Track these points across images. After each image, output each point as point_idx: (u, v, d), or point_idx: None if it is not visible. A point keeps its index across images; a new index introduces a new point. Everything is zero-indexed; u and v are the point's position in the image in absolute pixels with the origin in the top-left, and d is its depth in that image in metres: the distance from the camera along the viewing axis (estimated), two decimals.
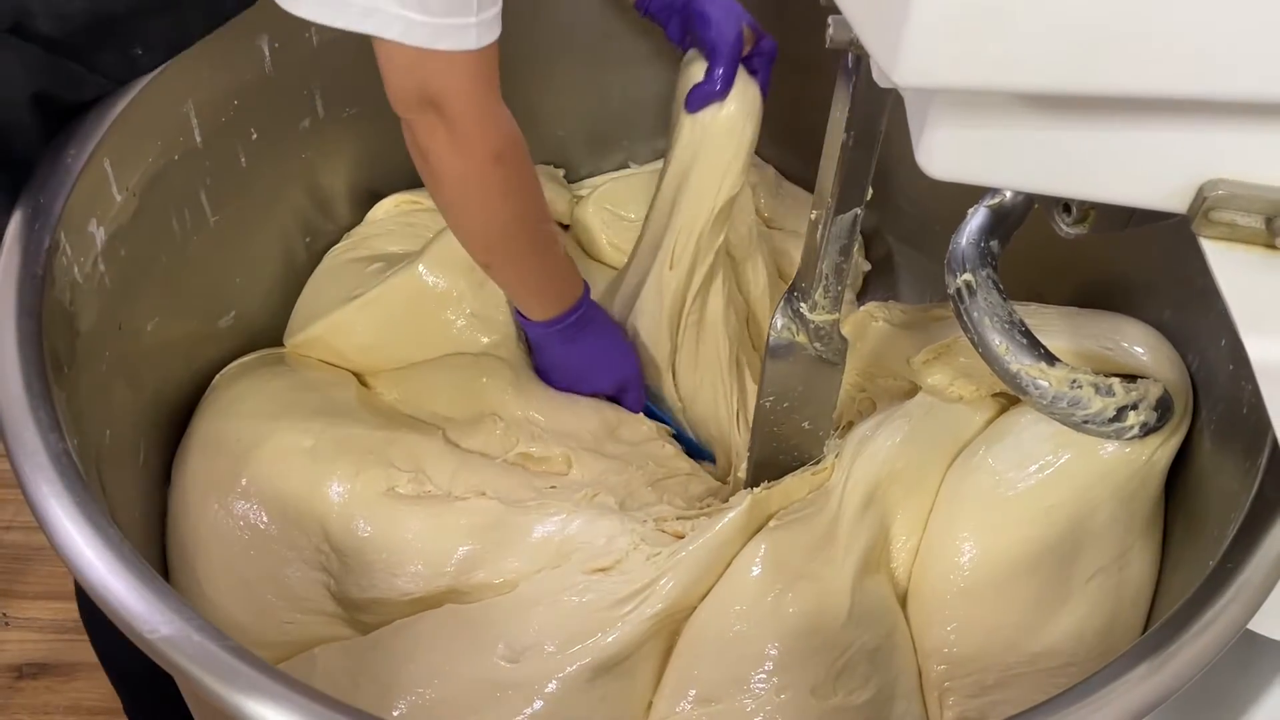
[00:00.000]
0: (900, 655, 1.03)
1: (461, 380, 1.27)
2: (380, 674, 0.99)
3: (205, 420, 1.17)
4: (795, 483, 1.11)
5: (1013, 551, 1.01)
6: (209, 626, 0.72)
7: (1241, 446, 0.89)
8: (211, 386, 1.21)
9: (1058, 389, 0.92)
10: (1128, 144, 0.62)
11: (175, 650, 0.71)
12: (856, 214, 0.92)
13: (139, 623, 0.72)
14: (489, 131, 1.01)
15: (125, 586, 0.74)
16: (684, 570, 1.03)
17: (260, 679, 0.69)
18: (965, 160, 0.64)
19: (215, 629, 0.72)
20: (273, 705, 0.69)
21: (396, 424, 1.21)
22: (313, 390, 1.22)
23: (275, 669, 0.71)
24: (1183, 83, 0.54)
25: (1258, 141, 0.61)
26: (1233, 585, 0.74)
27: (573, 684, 0.97)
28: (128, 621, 0.73)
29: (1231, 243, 0.65)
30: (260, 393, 1.18)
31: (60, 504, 0.78)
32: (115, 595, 0.74)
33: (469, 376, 1.27)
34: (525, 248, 1.13)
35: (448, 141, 1.00)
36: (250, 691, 0.70)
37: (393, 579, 1.07)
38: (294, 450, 1.12)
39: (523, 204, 1.09)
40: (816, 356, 1.06)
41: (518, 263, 1.15)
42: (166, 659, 0.71)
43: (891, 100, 0.84)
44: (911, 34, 0.52)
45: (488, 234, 1.10)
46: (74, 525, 0.77)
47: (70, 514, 0.77)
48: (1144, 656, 0.72)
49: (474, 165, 1.02)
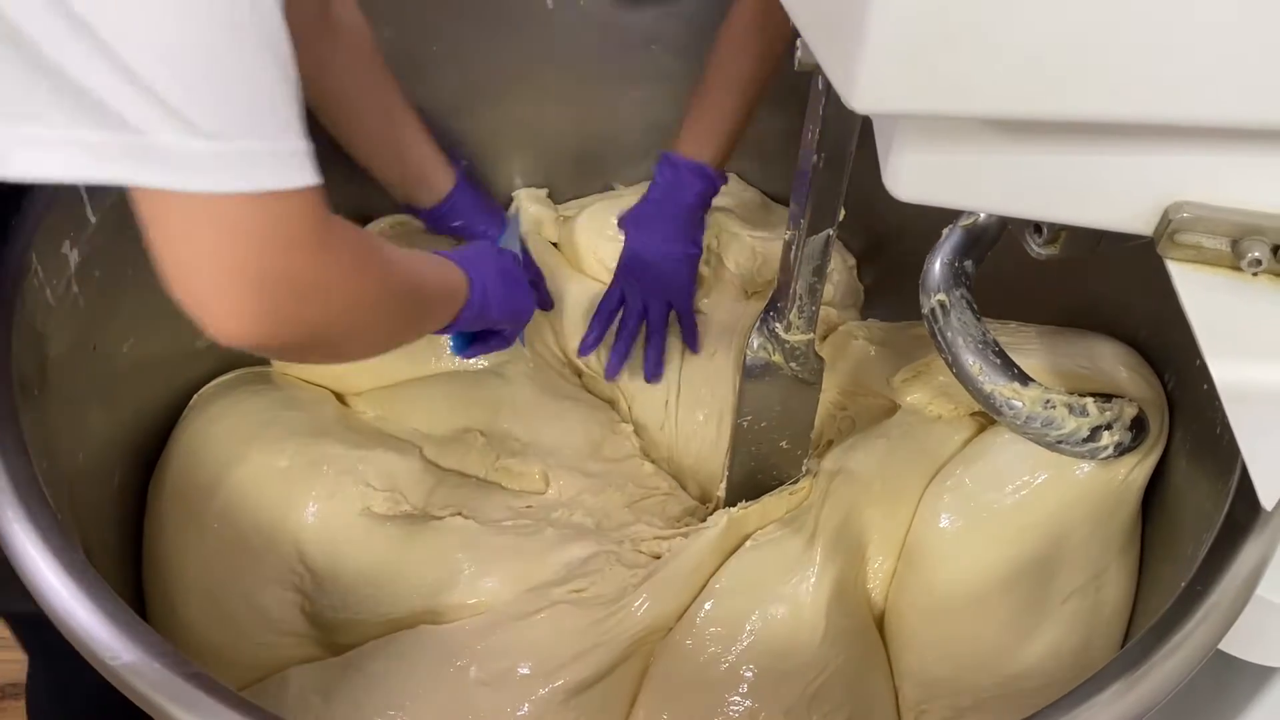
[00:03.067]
0: (876, 677, 1.02)
1: (443, 396, 1.27)
2: (353, 695, 0.98)
3: (181, 441, 1.16)
4: (773, 503, 1.11)
5: (988, 572, 1.01)
6: (172, 653, 0.72)
7: (1215, 467, 0.89)
8: (189, 406, 1.20)
9: (1031, 409, 0.91)
10: (1092, 167, 0.62)
11: (137, 678, 0.70)
12: (829, 235, 0.92)
13: (101, 650, 0.72)
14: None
15: (87, 612, 0.73)
16: (659, 592, 1.03)
17: (222, 708, 0.69)
18: (931, 183, 0.64)
19: (178, 655, 0.72)
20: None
21: (373, 443, 1.20)
22: (289, 409, 1.21)
23: (238, 696, 0.71)
24: (1139, 108, 0.55)
25: (1223, 164, 0.61)
26: (1201, 607, 0.74)
27: (546, 707, 0.97)
28: (90, 648, 0.72)
29: (1197, 265, 0.65)
30: (236, 413, 1.18)
31: (23, 529, 0.77)
32: (79, 622, 0.74)
33: (451, 392, 1.27)
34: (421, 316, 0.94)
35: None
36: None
37: (367, 600, 1.07)
38: (268, 471, 1.11)
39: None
40: (793, 376, 1.06)
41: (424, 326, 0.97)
42: (128, 687, 0.71)
43: (860, 123, 0.84)
44: (868, 60, 0.52)
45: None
46: (37, 551, 0.76)
47: (33, 539, 0.77)
48: (1115, 678, 0.72)
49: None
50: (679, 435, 1.29)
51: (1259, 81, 0.54)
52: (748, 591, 1.03)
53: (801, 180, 0.90)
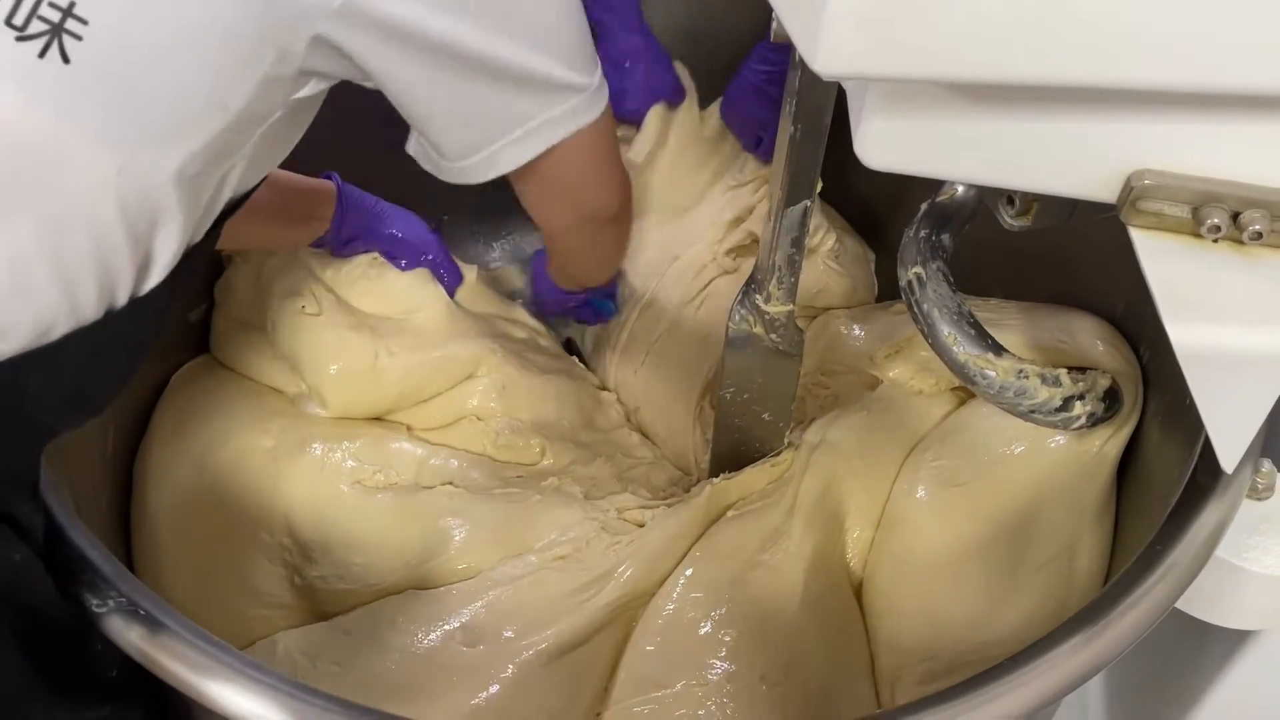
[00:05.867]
0: (852, 644, 1.04)
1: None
2: (339, 656, 1.00)
3: (165, 418, 1.16)
4: (754, 474, 1.12)
5: (964, 542, 1.02)
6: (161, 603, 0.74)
7: (1184, 437, 0.91)
8: (170, 384, 1.20)
9: (1004, 379, 0.93)
10: (1056, 135, 0.63)
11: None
12: (806, 206, 0.94)
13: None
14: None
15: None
16: (642, 558, 1.05)
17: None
18: (901, 151, 0.66)
19: (166, 605, 0.73)
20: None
21: (362, 423, 1.20)
22: (271, 396, 1.21)
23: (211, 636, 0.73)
24: (1096, 73, 0.56)
25: (1184, 132, 0.62)
26: (1160, 566, 0.76)
27: (529, 668, 0.99)
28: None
29: (1159, 232, 0.66)
30: (220, 390, 1.18)
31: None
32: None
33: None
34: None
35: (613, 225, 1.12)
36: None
37: (357, 569, 1.08)
38: (254, 450, 1.12)
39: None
40: (773, 348, 1.07)
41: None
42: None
43: (835, 94, 0.85)
44: (830, 23, 0.54)
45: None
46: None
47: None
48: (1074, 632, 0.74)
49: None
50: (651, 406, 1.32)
51: (1218, 46, 0.54)
52: (728, 560, 1.04)
53: (779, 152, 0.91)
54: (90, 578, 0.75)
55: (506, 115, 0.88)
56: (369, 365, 1.17)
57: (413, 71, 0.81)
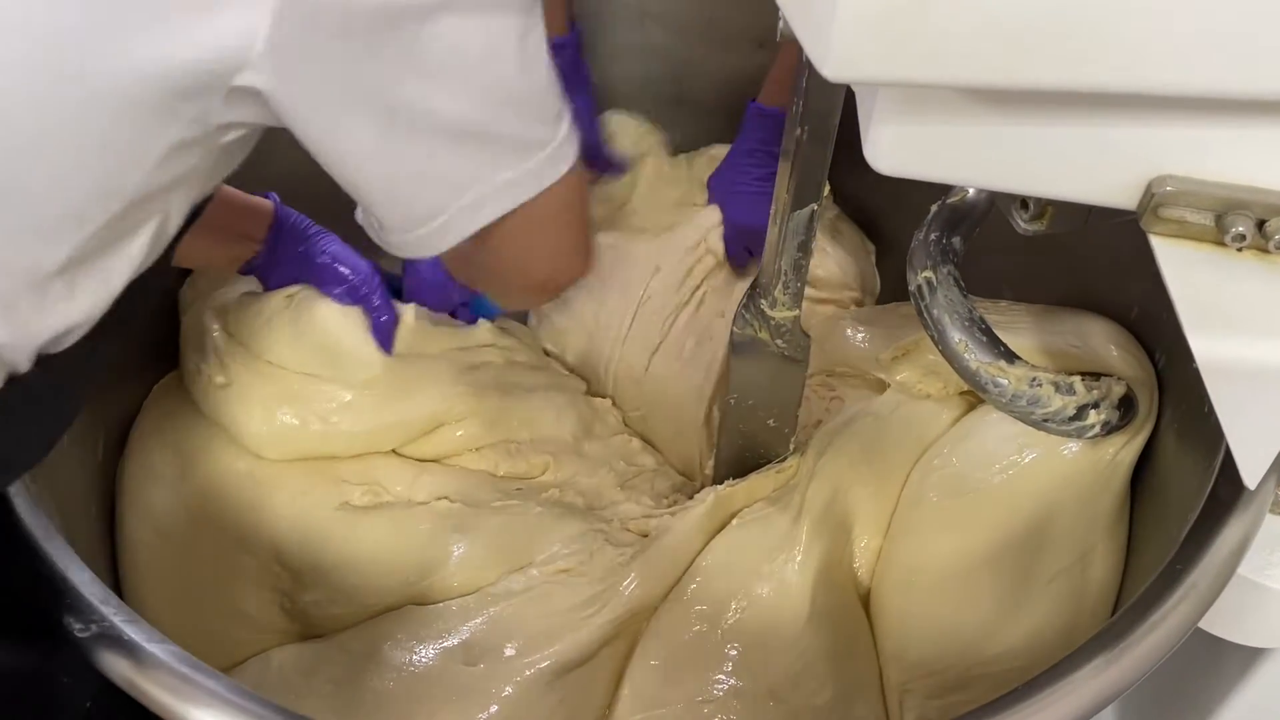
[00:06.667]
0: (860, 657, 1.02)
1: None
2: (334, 674, 0.98)
3: (142, 437, 1.12)
4: (760, 480, 1.10)
5: (974, 552, 1.00)
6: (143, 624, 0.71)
7: (1203, 447, 0.88)
8: (150, 397, 1.16)
9: (1017, 387, 0.90)
10: (1074, 140, 0.61)
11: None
12: (813, 210, 0.91)
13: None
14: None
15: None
16: (647, 571, 1.03)
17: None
18: (911, 156, 0.64)
19: (148, 625, 0.71)
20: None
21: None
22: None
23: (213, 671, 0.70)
24: (1115, 78, 0.54)
25: (1207, 137, 0.60)
26: (1181, 586, 0.73)
27: (531, 687, 0.97)
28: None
29: (1181, 240, 0.64)
30: (192, 410, 1.13)
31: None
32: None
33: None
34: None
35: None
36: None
37: (352, 591, 1.05)
38: (231, 473, 1.09)
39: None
40: (779, 353, 1.05)
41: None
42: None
43: (843, 96, 0.83)
44: (840, 28, 0.52)
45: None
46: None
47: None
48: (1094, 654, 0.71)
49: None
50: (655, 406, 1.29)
51: (1243, 50, 0.52)
52: (734, 570, 1.02)
53: (786, 155, 0.89)
54: (71, 600, 0.73)
55: (458, 176, 0.73)
56: (299, 432, 1.10)
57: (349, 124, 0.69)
